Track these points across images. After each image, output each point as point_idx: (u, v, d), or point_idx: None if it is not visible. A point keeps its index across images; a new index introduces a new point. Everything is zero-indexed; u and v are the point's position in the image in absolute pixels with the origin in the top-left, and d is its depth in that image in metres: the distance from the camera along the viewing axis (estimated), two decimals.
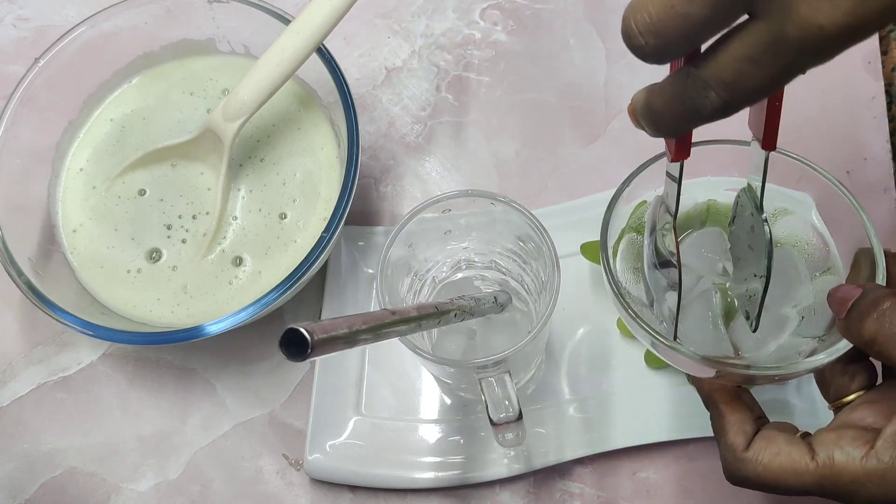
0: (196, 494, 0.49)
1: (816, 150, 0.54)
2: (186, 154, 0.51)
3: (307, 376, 0.51)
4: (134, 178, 0.51)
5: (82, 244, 0.50)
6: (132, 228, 0.50)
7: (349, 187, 0.45)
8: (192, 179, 0.51)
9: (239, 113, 0.48)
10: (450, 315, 0.37)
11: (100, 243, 0.50)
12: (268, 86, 0.47)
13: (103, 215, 0.50)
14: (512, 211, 0.39)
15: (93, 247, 0.50)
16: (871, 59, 0.55)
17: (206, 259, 0.49)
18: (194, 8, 0.50)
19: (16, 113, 0.48)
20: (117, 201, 0.51)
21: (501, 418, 0.38)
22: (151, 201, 0.51)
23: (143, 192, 0.51)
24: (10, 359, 0.52)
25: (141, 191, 0.51)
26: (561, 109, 0.56)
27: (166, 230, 0.50)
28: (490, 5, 0.59)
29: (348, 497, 0.48)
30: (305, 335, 0.26)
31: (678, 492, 0.47)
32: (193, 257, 0.49)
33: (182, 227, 0.50)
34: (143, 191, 0.51)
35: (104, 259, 0.49)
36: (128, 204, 0.51)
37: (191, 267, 0.49)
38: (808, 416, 0.47)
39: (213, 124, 0.49)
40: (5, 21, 0.60)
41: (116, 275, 0.49)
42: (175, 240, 0.50)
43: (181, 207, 0.50)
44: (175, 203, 0.50)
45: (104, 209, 0.50)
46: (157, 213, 0.50)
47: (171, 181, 0.51)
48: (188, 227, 0.50)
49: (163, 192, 0.51)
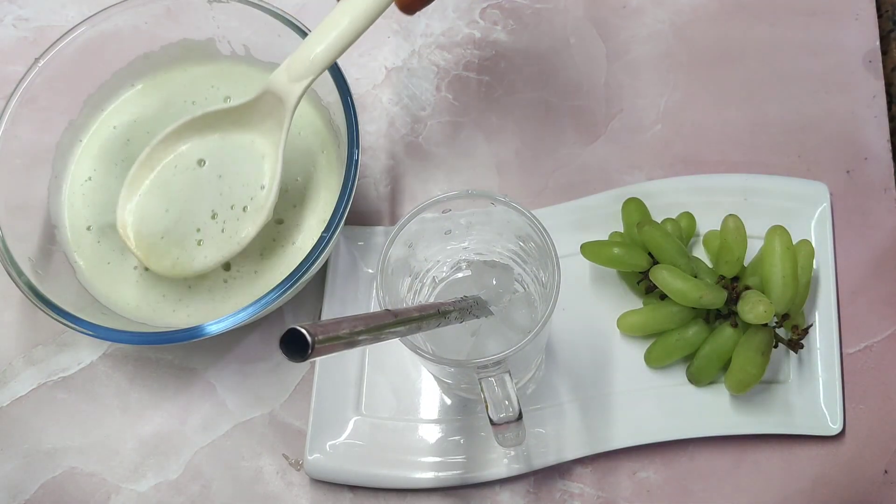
0: (196, 494, 0.49)
1: (817, 149, 0.54)
2: (238, 120, 0.47)
3: (307, 376, 0.51)
4: (183, 151, 0.48)
5: (88, 246, 0.50)
6: (183, 205, 0.47)
7: (349, 187, 0.45)
8: (246, 149, 0.47)
9: (307, 72, 0.44)
10: (450, 316, 0.37)
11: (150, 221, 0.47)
12: (342, 38, 0.43)
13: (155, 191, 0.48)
14: (512, 211, 0.39)
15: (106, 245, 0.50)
16: (872, 58, 0.55)
17: (262, 229, 0.47)
18: (194, 8, 0.50)
19: (16, 113, 0.48)
20: (174, 170, 0.48)
21: (501, 418, 0.38)
22: (209, 176, 0.47)
23: (203, 163, 0.48)
24: (10, 359, 0.52)
25: (200, 161, 0.48)
26: (561, 109, 0.56)
27: (220, 198, 0.47)
28: (490, 5, 0.59)
29: (348, 497, 0.48)
30: (306, 336, 0.26)
31: (678, 492, 0.47)
32: (245, 230, 0.47)
33: (235, 203, 0.47)
34: (203, 161, 0.48)
35: (113, 258, 0.50)
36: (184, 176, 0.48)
37: (237, 243, 0.47)
38: (809, 417, 0.47)
39: (275, 85, 0.45)
40: (5, 21, 0.60)
41: (122, 273, 0.49)
42: (231, 215, 0.47)
43: (233, 180, 0.47)
44: (229, 176, 0.47)
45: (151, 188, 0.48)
46: (212, 188, 0.47)
47: (226, 151, 0.48)
48: (244, 192, 0.47)
49: (220, 164, 0.47)
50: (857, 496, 0.47)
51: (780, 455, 0.47)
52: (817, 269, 0.49)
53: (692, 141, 0.55)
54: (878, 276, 0.51)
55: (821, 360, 0.48)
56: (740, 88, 0.56)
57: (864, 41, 0.56)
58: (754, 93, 0.55)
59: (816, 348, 0.48)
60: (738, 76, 0.56)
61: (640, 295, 0.50)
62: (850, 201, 0.52)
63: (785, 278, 0.45)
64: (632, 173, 0.54)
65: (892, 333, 0.50)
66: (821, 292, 0.49)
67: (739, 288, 0.46)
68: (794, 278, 0.45)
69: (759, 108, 0.55)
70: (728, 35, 0.57)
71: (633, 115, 0.56)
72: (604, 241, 0.49)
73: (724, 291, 0.46)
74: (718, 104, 0.55)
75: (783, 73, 0.56)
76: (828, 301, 0.48)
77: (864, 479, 0.47)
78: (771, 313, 0.43)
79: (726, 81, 0.56)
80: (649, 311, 0.48)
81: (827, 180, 0.51)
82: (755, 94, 0.55)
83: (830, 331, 0.48)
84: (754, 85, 0.56)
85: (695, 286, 0.45)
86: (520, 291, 0.44)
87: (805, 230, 0.50)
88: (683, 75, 0.56)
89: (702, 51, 0.57)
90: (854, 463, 0.47)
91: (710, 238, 0.50)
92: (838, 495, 0.47)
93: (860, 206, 0.52)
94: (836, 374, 0.47)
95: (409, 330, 0.33)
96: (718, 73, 0.56)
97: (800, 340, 0.46)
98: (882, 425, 0.48)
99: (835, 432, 0.46)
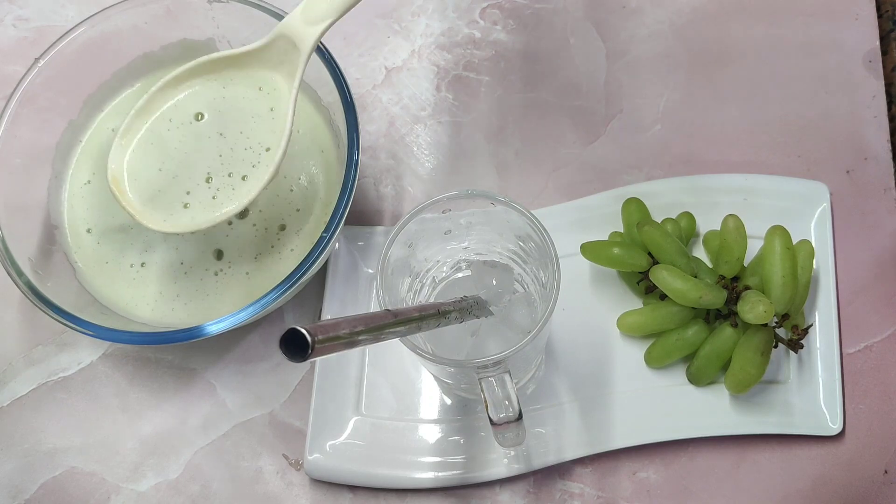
0: (196, 494, 0.49)
1: (817, 149, 0.54)
2: (245, 67, 0.44)
3: (307, 376, 0.51)
4: (182, 103, 0.45)
5: (88, 247, 0.50)
6: (179, 162, 0.44)
7: (349, 187, 0.45)
8: (251, 101, 0.44)
9: (326, 13, 0.41)
10: (450, 316, 0.37)
11: (147, 177, 0.44)
12: None
13: (149, 145, 0.45)
14: (512, 211, 0.39)
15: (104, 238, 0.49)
16: (872, 58, 0.55)
17: (262, 232, 0.46)
18: (194, 8, 0.50)
19: (16, 113, 0.48)
20: (169, 125, 0.45)
21: (501, 418, 0.38)
22: (208, 132, 0.44)
23: (201, 117, 0.44)
24: (10, 359, 0.52)
25: (198, 114, 0.45)
26: (561, 109, 0.56)
27: (219, 160, 0.44)
28: (490, 5, 0.59)
29: (348, 497, 0.48)
30: (306, 336, 0.26)
31: (678, 492, 0.47)
32: (249, 193, 0.44)
33: (234, 170, 0.44)
34: (201, 115, 0.44)
35: (109, 255, 0.49)
36: (180, 132, 0.45)
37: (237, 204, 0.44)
38: (809, 417, 0.47)
39: (290, 28, 0.42)
40: (5, 21, 0.60)
41: (120, 270, 0.49)
42: (227, 182, 0.44)
43: (236, 141, 0.44)
44: (231, 135, 0.44)
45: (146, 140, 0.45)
46: (212, 147, 0.44)
47: (228, 104, 0.44)
48: (247, 157, 0.44)
49: (221, 119, 0.44)
50: (857, 496, 0.47)
51: (780, 455, 0.47)
52: (817, 269, 0.49)
53: (692, 141, 0.55)
54: (878, 276, 0.51)
55: (821, 360, 0.48)
56: (740, 88, 0.56)
57: (864, 41, 0.56)
58: (754, 93, 0.55)
59: (816, 348, 0.48)
60: (738, 76, 0.56)
61: (639, 295, 0.50)
62: (850, 201, 0.52)
63: (785, 278, 0.45)
64: (632, 173, 0.54)
65: (892, 333, 0.50)
66: (821, 292, 0.49)
67: (739, 288, 0.46)
68: (793, 278, 0.45)
69: (759, 108, 0.55)
70: (728, 35, 0.57)
71: (633, 115, 0.56)
72: (604, 241, 0.49)
73: (724, 291, 0.46)
74: (718, 104, 0.55)
75: (783, 73, 0.56)
76: (828, 301, 0.48)
77: (864, 479, 0.47)
78: (771, 313, 0.43)
79: (726, 81, 0.56)
80: (649, 311, 0.48)
81: (827, 180, 0.51)
82: (755, 94, 0.55)
83: (830, 331, 0.48)
84: (754, 85, 0.56)
85: (695, 286, 0.45)
86: (520, 291, 0.44)
87: (805, 230, 0.50)
88: (683, 75, 0.56)
89: (702, 51, 0.57)
90: (854, 463, 0.47)
91: (710, 238, 0.50)
92: (838, 495, 0.47)
93: (860, 206, 0.52)
94: (835, 374, 0.47)
95: (409, 330, 0.33)
96: (718, 73, 0.56)
97: (800, 340, 0.46)
98: (882, 425, 0.48)
99: (835, 432, 0.46)
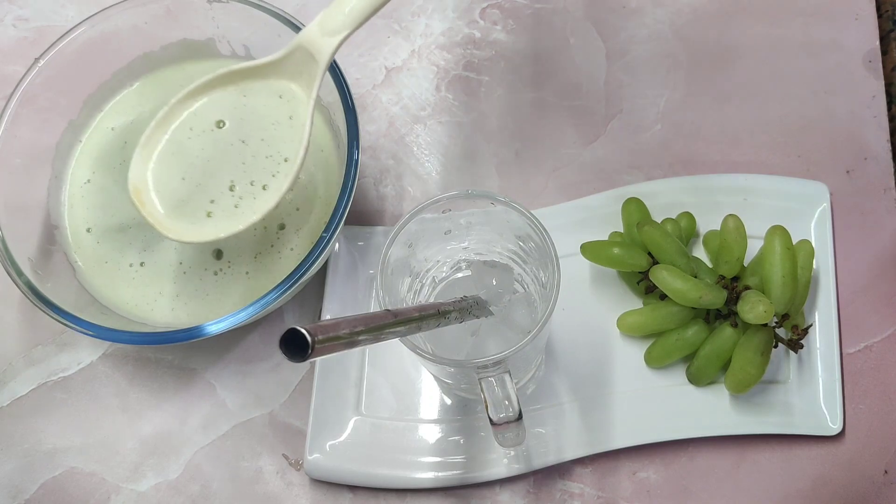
0: (196, 494, 0.49)
1: (817, 149, 0.54)
2: (264, 79, 0.45)
3: (307, 376, 0.51)
4: (201, 110, 0.45)
5: (88, 247, 0.50)
6: (203, 171, 0.45)
7: (349, 187, 0.45)
8: (271, 110, 0.45)
9: (343, 25, 0.41)
10: (450, 316, 0.37)
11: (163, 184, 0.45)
12: None
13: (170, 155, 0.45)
14: (512, 211, 0.39)
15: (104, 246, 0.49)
16: (872, 58, 0.55)
17: (261, 233, 0.47)
18: (194, 8, 0.50)
19: (16, 113, 0.48)
20: (190, 133, 0.45)
21: (501, 418, 0.38)
22: (230, 139, 0.44)
23: (222, 124, 0.45)
24: (10, 359, 0.52)
25: (219, 122, 0.45)
26: (561, 109, 0.56)
27: (242, 167, 0.45)
28: (490, 5, 0.59)
29: (348, 497, 0.48)
30: (306, 336, 0.26)
31: (678, 492, 0.47)
32: (268, 202, 0.44)
33: (255, 179, 0.45)
34: (222, 122, 0.45)
35: (110, 254, 0.49)
36: (201, 140, 0.45)
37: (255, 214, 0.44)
38: (808, 417, 0.47)
39: (308, 40, 0.42)
40: (5, 21, 0.60)
41: (119, 270, 0.49)
42: (250, 191, 0.45)
43: (257, 148, 0.45)
44: (252, 143, 0.45)
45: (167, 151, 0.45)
46: (235, 155, 0.44)
47: (248, 111, 0.45)
48: (268, 166, 0.45)
49: (241, 127, 0.44)
50: (857, 496, 0.47)
51: (780, 455, 0.47)
52: (817, 269, 0.49)
53: (692, 141, 0.55)
54: (878, 276, 0.51)
55: (821, 360, 0.48)
56: (740, 88, 0.56)
57: (864, 41, 0.56)
58: (754, 93, 0.55)
59: (816, 348, 0.48)
60: (738, 76, 0.56)
61: (639, 295, 0.50)
62: (850, 201, 0.52)
63: (785, 278, 0.45)
64: (631, 173, 0.54)
65: (892, 333, 0.50)
66: (821, 292, 0.49)
67: (739, 288, 0.46)
68: (793, 278, 0.45)
69: (759, 108, 0.55)
70: (728, 35, 0.57)
71: (633, 115, 0.56)
72: (604, 241, 0.49)
73: (724, 291, 0.46)
74: (718, 104, 0.55)
75: (783, 73, 0.56)
76: (828, 301, 0.48)
77: (864, 479, 0.47)
78: (771, 313, 0.43)
79: (726, 81, 0.56)
80: (649, 311, 0.48)
81: (827, 180, 0.51)
82: (755, 94, 0.55)
83: (830, 331, 0.48)
84: (754, 85, 0.56)
85: (695, 286, 0.45)
86: (520, 291, 0.44)
87: (805, 230, 0.50)
88: (683, 75, 0.56)
89: (702, 51, 0.57)
90: (854, 463, 0.47)
91: (710, 238, 0.50)
92: (838, 495, 0.47)
93: (860, 206, 0.52)
94: (835, 374, 0.47)
95: (409, 330, 0.33)
96: (718, 73, 0.56)
97: (799, 340, 0.46)
98: (882, 425, 0.48)
99: (835, 432, 0.46)
